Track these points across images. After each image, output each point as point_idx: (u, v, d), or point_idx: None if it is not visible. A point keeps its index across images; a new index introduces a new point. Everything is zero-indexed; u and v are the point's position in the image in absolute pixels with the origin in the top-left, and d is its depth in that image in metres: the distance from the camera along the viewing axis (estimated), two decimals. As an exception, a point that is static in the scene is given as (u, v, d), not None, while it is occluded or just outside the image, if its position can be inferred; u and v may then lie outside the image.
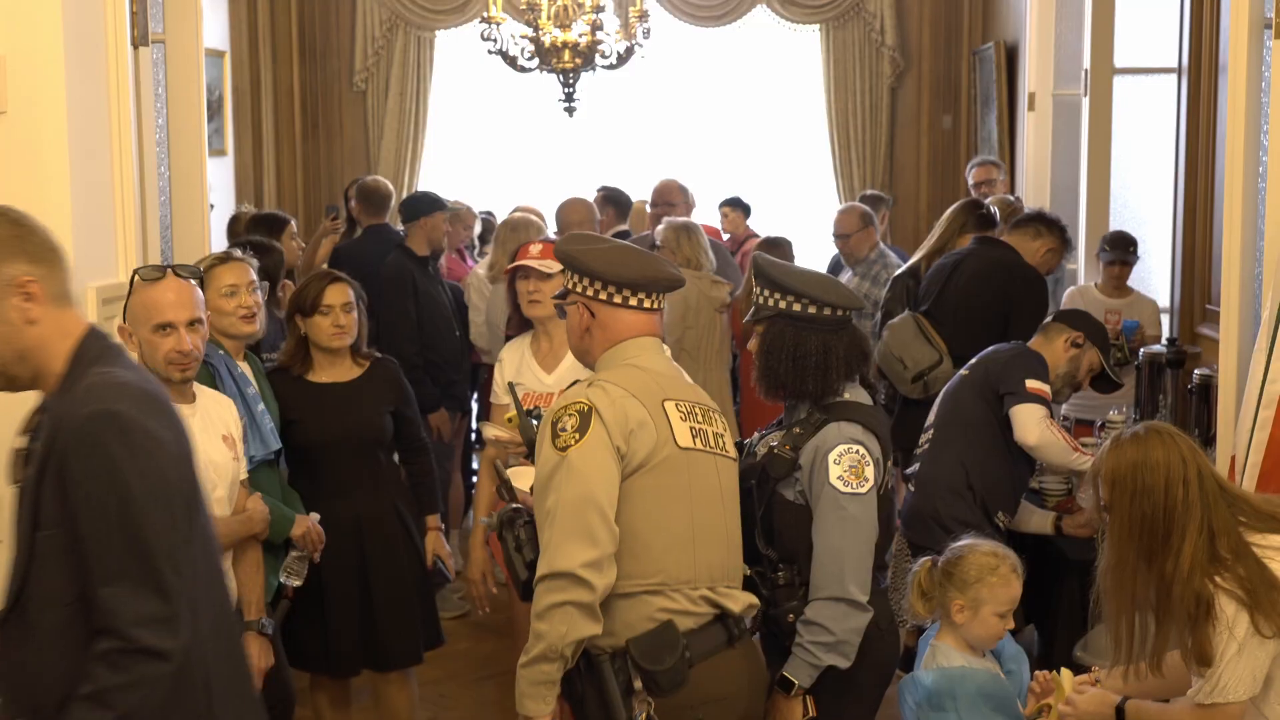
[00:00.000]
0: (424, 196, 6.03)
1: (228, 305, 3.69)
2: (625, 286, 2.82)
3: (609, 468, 2.62)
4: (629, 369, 2.79)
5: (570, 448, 2.61)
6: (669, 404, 2.75)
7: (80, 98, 3.30)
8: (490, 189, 9.11)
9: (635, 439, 2.66)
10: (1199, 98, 5.55)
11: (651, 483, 2.68)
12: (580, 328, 2.87)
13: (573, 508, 2.58)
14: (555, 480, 2.62)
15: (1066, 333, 4.25)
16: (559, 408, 2.68)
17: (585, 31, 6.84)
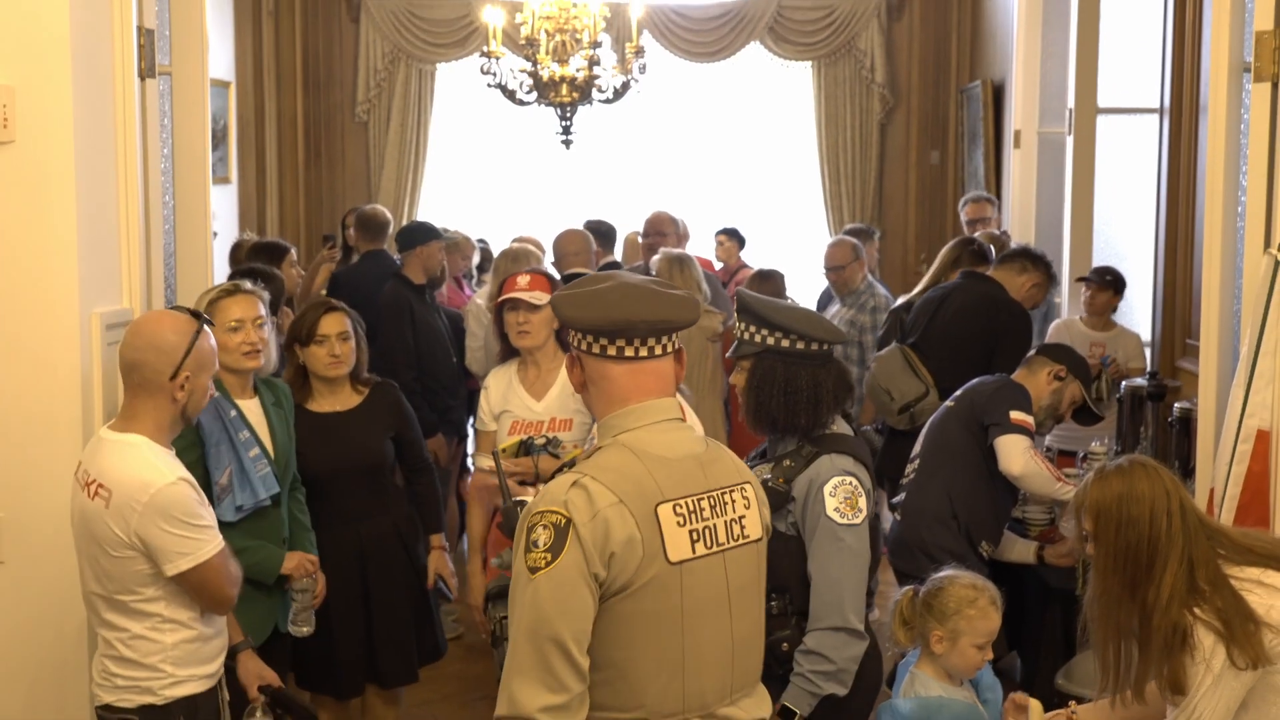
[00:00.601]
0: (419, 226, 6.12)
1: (231, 340, 3.63)
2: (602, 334, 2.39)
3: (580, 600, 2.25)
4: (623, 453, 2.37)
5: (539, 571, 2.24)
6: (664, 509, 2.33)
7: (87, 128, 3.37)
8: (488, 219, 9.22)
9: (617, 562, 2.28)
10: (1180, 137, 5.66)
11: (633, 608, 2.30)
12: (577, 382, 2.49)
13: (534, 644, 2.24)
14: (521, 600, 2.28)
15: (1049, 366, 4.34)
16: (537, 510, 2.30)
17: (583, 66, 6.96)
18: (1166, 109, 5.82)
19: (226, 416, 3.63)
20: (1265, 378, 3.52)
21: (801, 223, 9.69)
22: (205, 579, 2.99)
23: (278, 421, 3.79)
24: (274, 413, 3.79)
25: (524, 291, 4.03)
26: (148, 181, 3.72)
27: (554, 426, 4.01)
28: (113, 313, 3.49)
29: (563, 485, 2.32)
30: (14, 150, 3.28)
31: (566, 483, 2.32)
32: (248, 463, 3.60)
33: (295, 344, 4.02)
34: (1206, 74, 5.05)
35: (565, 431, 4.01)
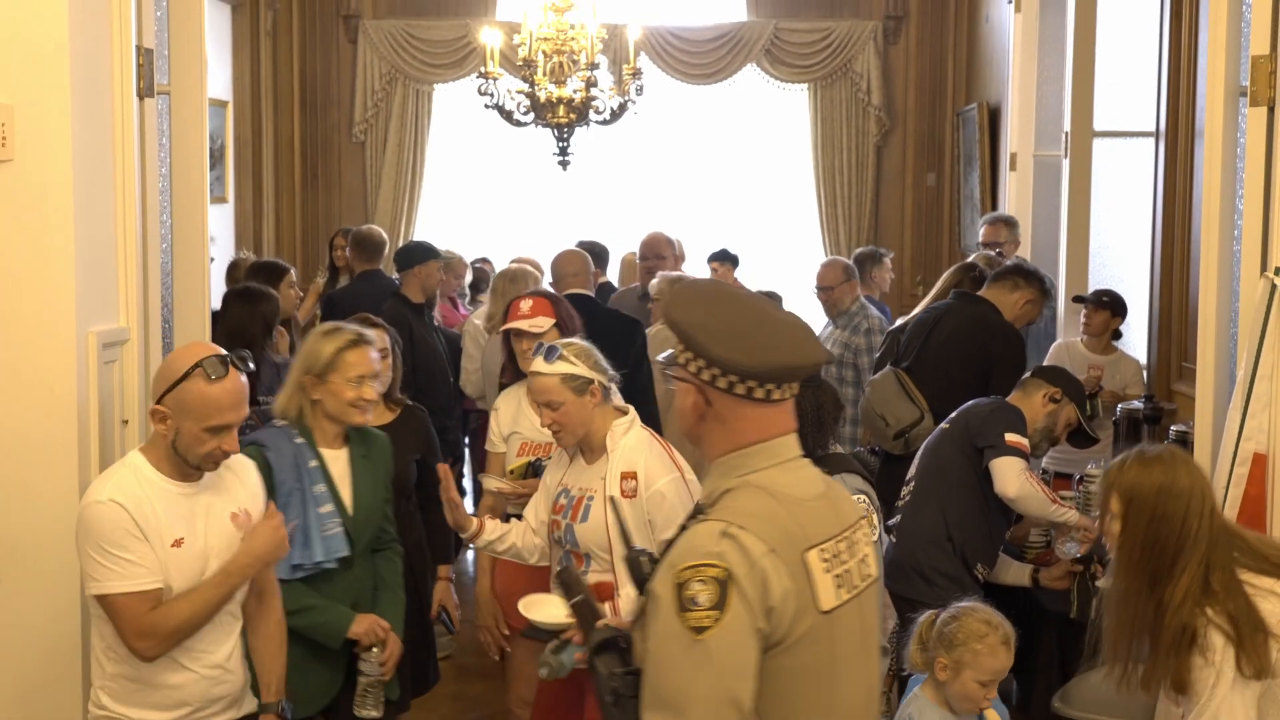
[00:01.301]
0: (418, 246, 6.13)
1: (349, 394, 3.50)
2: (751, 377, 2.19)
3: (751, 658, 2.09)
4: (759, 496, 2.18)
5: (707, 630, 2.05)
6: (811, 555, 2.17)
7: (86, 147, 3.38)
8: (485, 239, 9.23)
9: (775, 615, 2.11)
10: (1175, 161, 5.69)
11: (788, 663, 2.14)
12: (694, 413, 2.26)
13: (712, 709, 2.05)
14: (687, 665, 2.07)
15: (1044, 388, 4.34)
16: (688, 565, 2.09)
17: (580, 88, 6.98)
18: (1162, 133, 5.85)
19: (305, 466, 3.45)
20: (1262, 401, 3.53)
21: (798, 245, 9.71)
22: (113, 614, 2.83)
23: (364, 476, 3.56)
24: (362, 466, 3.57)
25: (525, 320, 4.10)
26: (145, 200, 3.72)
27: None
28: (109, 332, 3.49)
29: (710, 535, 2.11)
30: (13, 169, 3.28)
31: (714, 532, 2.11)
32: (314, 519, 3.38)
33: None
34: (1202, 98, 5.08)
35: None
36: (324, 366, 3.49)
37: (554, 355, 3.57)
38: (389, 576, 3.66)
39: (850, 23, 9.57)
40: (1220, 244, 3.91)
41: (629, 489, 3.54)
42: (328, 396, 3.49)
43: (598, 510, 3.56)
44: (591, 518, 3.56)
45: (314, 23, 9.54)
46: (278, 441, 3.47)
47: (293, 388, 3.54)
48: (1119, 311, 5.90)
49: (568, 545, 3.59)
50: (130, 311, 3.59)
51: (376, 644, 3.48)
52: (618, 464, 3.59)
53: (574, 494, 3.60)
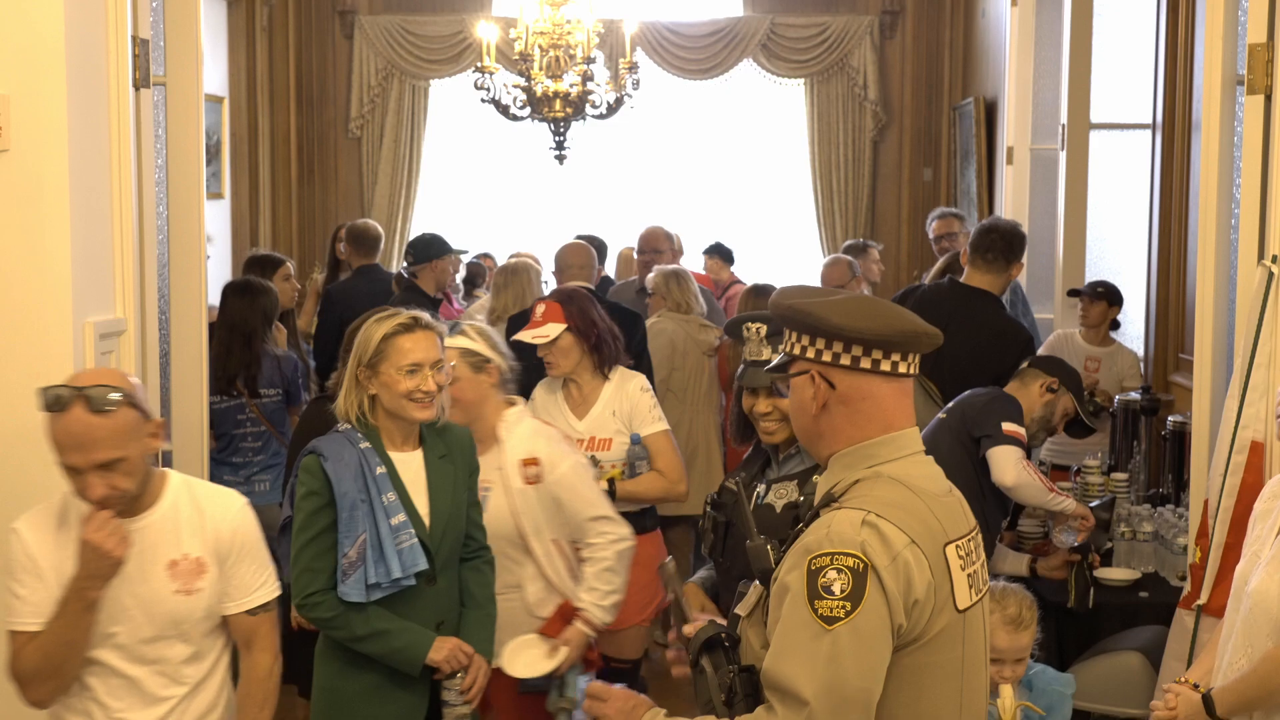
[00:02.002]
0: (434, 239, 6.13)
1: (403, 385, 3.10)
2: (877, 345, 2.11)
3: (881, 655, 2.00)
4: (895, 487, 2.09)
5: (839, 622, 1.96)
6: (950, 550, 2.08)
7: (82, 137, 3.37)
8: (482, 234, 9.24)
9: (917, 611, 2.02)
10: (1173, 152, 5.69)
11: (923, 660, 2.05)
12: (814, 407, 2.15)
13: (831, 704, 1.96)
14: (812, 654, 1.98)
15: (1042, 378, 4.33)
16: (824, 552, 2.00)
17: (576, 82, 6.98)
18: (1159, 124, 5.86)
19: (371, 474, 3.09)
20: (1259, 390, 3.54)
21: (794, 240, 9.71)
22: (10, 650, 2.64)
23: (443, 479, 3.21)
24: (439, 468, 3.22)
25: (530, 330, 4.14)
26: (142, 191, 3.71)
27: (592, 446, 4.11)
28: (106, 322, 3.48)
29: (851, 524, 2.02)
30: (8, 158, 3.27)
31: (854, 521, 2.02)
32: (385, 532, 3.03)
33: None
34: (1199, 89, 5.08)
35: (604, 451, 4.11)
36: (374, 354, 3.11)
37: (455, 329, 3.51)
38: (477, 591, 3.30)
39: (846, 18, 9.58)
40: (1218, 232, 3.91)
41: (531, 475, 3.52)
42: (382, 390, 3.13)
43: (498, 501, 3.51)
44: (492, 508, 3.47)
45: (310, 18, 9.53)
46: (338, 449, 3.11)
47: (349, 384, 3.17)
48: (1115, 302, 5.89)
49: None
50: (127, 302, 3.58)
51: (459, 670, 3.16)
52: (515, 451, 3.54)
53: None
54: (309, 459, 3.11)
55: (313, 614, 3.13)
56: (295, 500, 3.13)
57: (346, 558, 3.04)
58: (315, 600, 3.10)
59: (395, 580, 3.05)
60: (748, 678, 2.10)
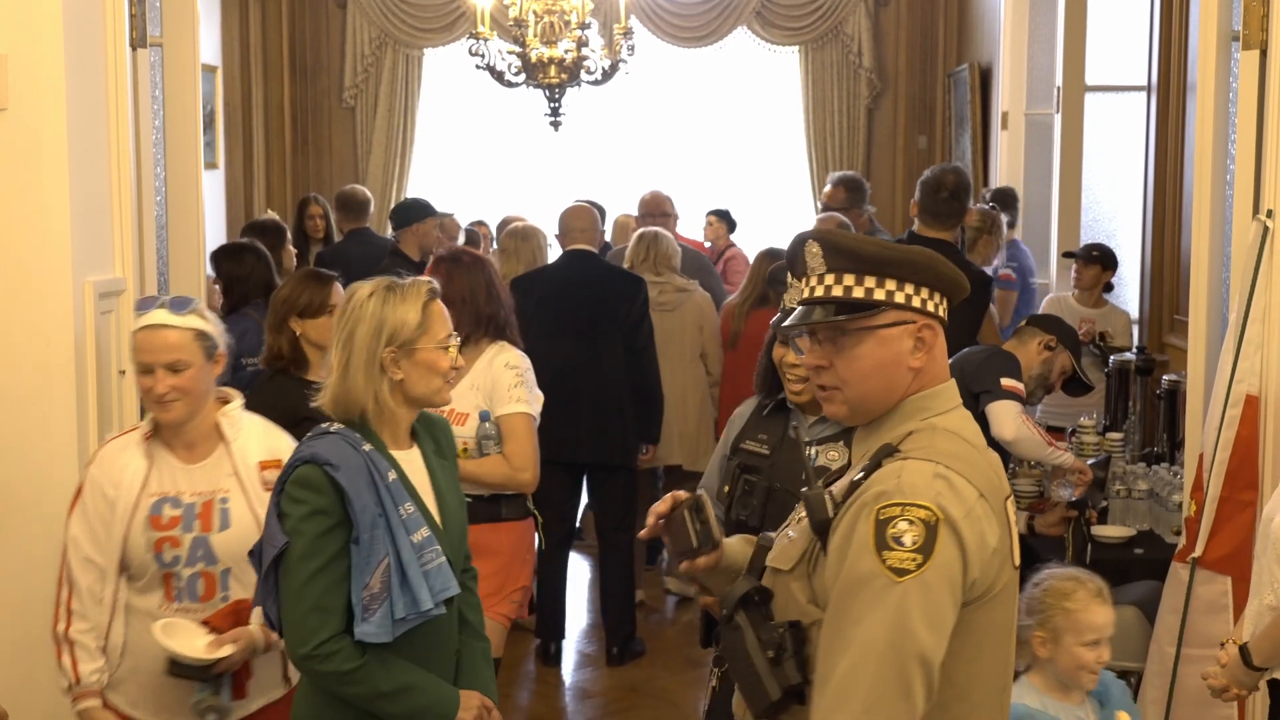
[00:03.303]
0: (415, 203, 6.15)
1: (444, 363, 2.66)
2: (947, 292, 2.06)
3: (948, 612, 1.91)
4: (954, 440, 2.01)
5: (909, 575, 1.87)
6: (1009, 505, 2.03)
7: (80, 96, 3.37)
8: (477, 203, 9.24)
9: (988, 565, 1.95)
10: (1168, 114, 5.70)
11: (985, 618, 1.97)
12: (913, 361, 2.03)
13: (894, 660, 1.86)
14: (877, 607, 1.88)
15: (1040, 336, 4.36)
16: (894, 502, 1.91)
17: (571, 48, 6.97)
18: (1154, 86, 5.87)
19: (384, 482, 2.56)
20: (1254, 343, 3.56)
21: (789, 207, 9.72)
22: None
23: (446, 479, 2.76)
24: (438, 466, 2.75)
25: None
26: (139, 151, 3.72)
27: (450, 419, 3.47)
28: (105, 282, 3.49)
29: (924, 475, 1.93)
30: (6, 117, 3.28)
31: (927, 472, 1.93)
32: (408, 552, 2.52)
33: (293, 316, 3.78)
34: (1194, 49, 5.08)
35: (459, 426, 3.67)
36: (416, 331, 2.62)
37: (185, 306, 2.89)
38: (473, 617, 2.84)
39: (841, -15, 9.56)
40: (1213, 188, 3.93)
41: (272, 479, 2.79)
42: (417, 373, 2.63)
43: (242, 513, 2.90)
44: (235, 522, 2.89)
45: (302, -13, 9.50)
46: (343, 455, 2.55)
47: (359, 372, 2.61)
48: (1109, 265, 5.92)
49: (197, 565, 2.88)
50: (125, 262, 3.60)
51: None
52: (250, 453, 2.95)
53: (189, 500, 2.88)
54: (307, 470, 2.53)
55: (327, 667, 2.51)
56: (290, 523, 2.52)
57: (368, 589, 2.49)
58: (330, 650, 2.50)
59: (425, 614, 2.53)
60: (796, 633, 2.00)
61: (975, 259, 5.76)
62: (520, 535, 3.90)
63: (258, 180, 9.19)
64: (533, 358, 5.47)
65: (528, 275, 5.56)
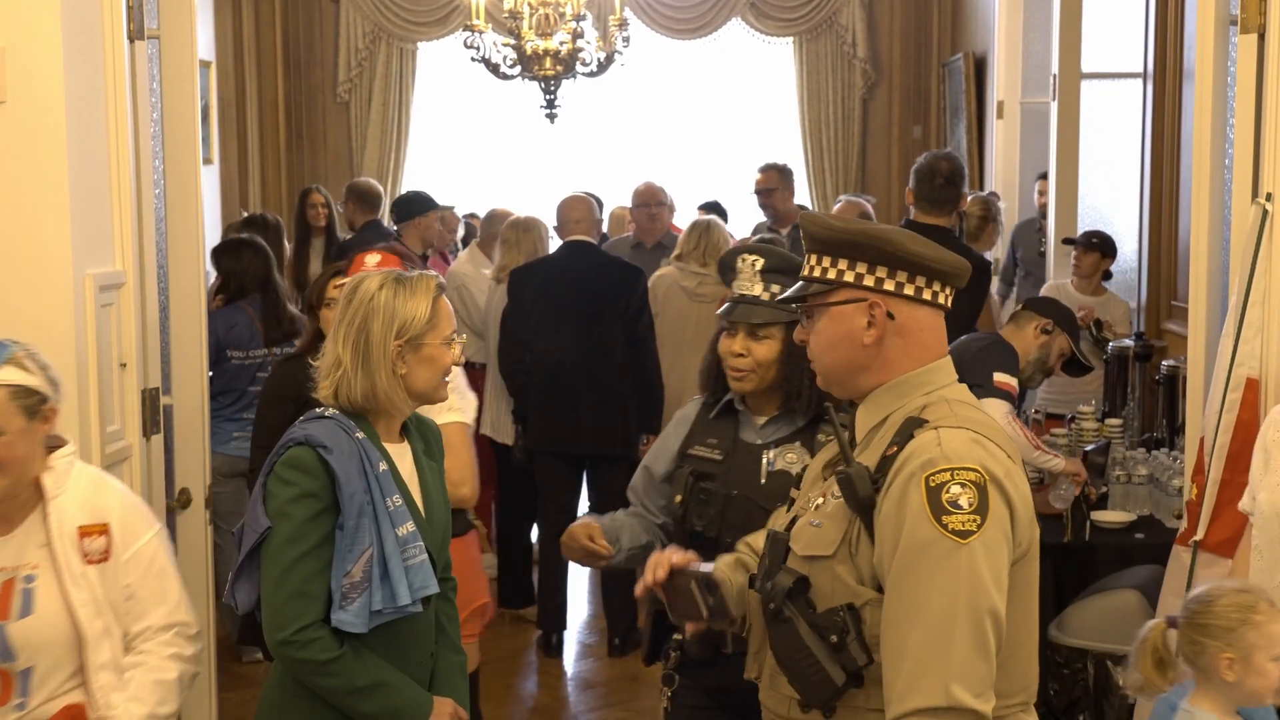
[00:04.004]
0: (416, 196, 6.16)
1: (447, 358, 2.63)
2: (939, 277, 2.09)
3: (1005, 568, 1.97)
4: (973, 411, 2.08)
5: (973, 536, 1.92)
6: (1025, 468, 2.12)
7: (78, 88, 3.36)
8: (473, 195, 9.25)
9: (1028, 525, 2.03)
10: (1164, 100, 5.71)
11: (1023, 576, 2.03)
12: (866, 338, 2.09)
13: (973, 619, 1.90)
14: (940, 573, 1.92)
15: (1036, 320, 4.35)
16: (945, 468, 1.95)
17: (566, 40, 6.97)
18: (1150, 73, 5.87)
19: (374, 472, 2.52)
20: (1254, 327, 3.56)
21: (785, 199, 9.71)
22: None
23: (434, 479, 2.72)
24: (426, 465, 2.71)
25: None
26: (138, 143, 3.71)
27: None
28: (106, 274, 3.48)
29: (963, 440, 1.99)
30: (5, 110, 3.27)
31: (965, 438, 1.99)
32: (393, 545, 2.47)
33: (312, 308, 3.86)
34: (1190, 34, 5.09)
35: None
36: (425, 326, 2.58)
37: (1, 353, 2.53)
38: (450, 627, 2.78)
39: (834, -25, 9.57)
40: (1211, 173, 3.93)
41: (96, 550, 2.52)
42: (422, 367, 2.59)
43: (48, 594, 2.49)
44: (39, 607, 2.47)
45: (295, -18, 9.49)
46: (336, 439, 2.50)
47: (371, 366, 2.56)
48: (1109, 253, 5.94)
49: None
50: (126, 255, 3.58)
51: None
52: (68, 515, 2.55)
53: None
54: (300, 452, 2.47)
55: (304, 655, 2.45)
56: (276, 504, 2.46)
57: (349, 577, 2.44)
58: (309, 637, 2.45)
59: (401, 609, 2.49)
60: (855, 614, 2.01)
61: (980, 247, 5.78)
62: (465, 552, 3.61)
63: (253, 175, 9.19)
64: (532, 349, 5.50)
65: (527, 266, 5.56)
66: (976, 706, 1.90)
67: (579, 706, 5.18)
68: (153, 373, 3.70)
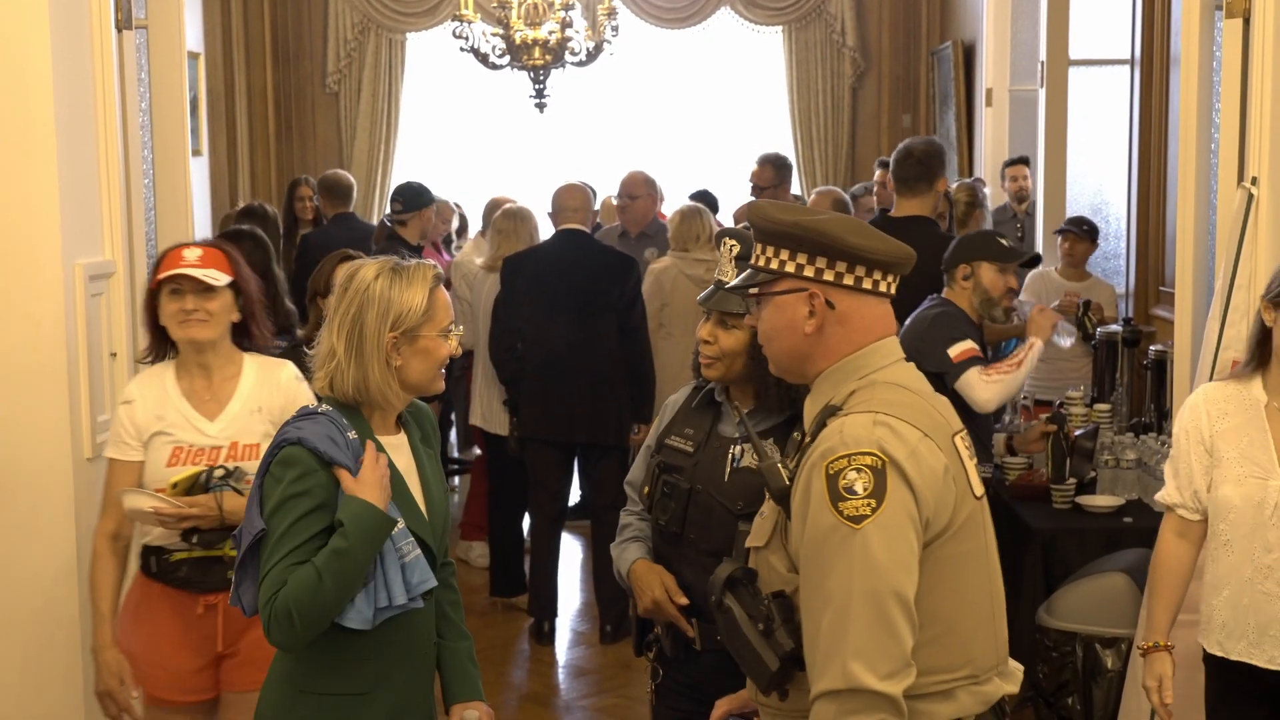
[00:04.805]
0: (423, 188, 6.13)
1: (443, 351, 2.57)
2: (879, 266, 2.11)
3: (911, 548, 1.98)
4: (891, 389, 2.09)
5: (865, 520, 1.95)
6: (959, 440, 2.11)
7: (66, 78, 3.36)
8: (463, 186, 9.24)
9: (942, 501, 2.03)
10: (1151, 86, 5.73)
11: (954, 550, 2.05)
12: (808, 326, 2.11)
13: (873, 603, 1.94)
14: (840, 559, 1.96)
15: (957, 270, 4.19)
16: (840, 455, 1.99)
17: (555, 29, 6.97)
18: (1137, 59, 5.89)
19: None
20: (1240, 311, 3.58)
21: (775, 188, 9.72)
22: None
23: (431, 468, 2.68)
24: (424, 455, 2.68)
25: (195, 268, 2.99)
26: (127, 132, 3.71)
27: (236, 454, 3.02)
28: (95, 264, 3.49)
29: (863, 425, 2.01)
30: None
31: (866, 422, 2.01)
32: (386, 545, 2.47)
33: (317, 296, 3.85)
34: (1177, 20, 5.10)
35: (252, 459, 2.99)
36: (420, 318, 2.52)
37: None
38: (454, 614, 2.75)
39: (823, -36, 9.57)
40: (1198, 157, 3.95)
41: None
42: (417, 359, 2.54)
43: None
44: None
45: (284, -28, 9.47)
46: (329, 439, 2.48)
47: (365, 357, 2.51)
48: (1097, 239, 5.96)
49: None
50: (115, 244, 3.59)
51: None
52: None
53: None
54: (294, 451, 2.45)
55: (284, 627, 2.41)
56: (271, 504, 2.44)
57: None
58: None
59: (399, 606, 2.47)
60: (782, 603, 2.08)
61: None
62: None
63: (242, 167, 9.17)
64: (525, 338, 5.50)
65: (519, 255, 5.55)
66: (879, 688, 1.92)
67: (570, 694, 5.19)
68: (143, 362, 3.70)
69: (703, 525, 2.66)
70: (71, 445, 3.37)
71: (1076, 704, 4.05)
